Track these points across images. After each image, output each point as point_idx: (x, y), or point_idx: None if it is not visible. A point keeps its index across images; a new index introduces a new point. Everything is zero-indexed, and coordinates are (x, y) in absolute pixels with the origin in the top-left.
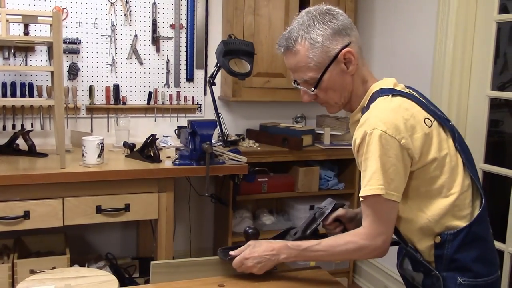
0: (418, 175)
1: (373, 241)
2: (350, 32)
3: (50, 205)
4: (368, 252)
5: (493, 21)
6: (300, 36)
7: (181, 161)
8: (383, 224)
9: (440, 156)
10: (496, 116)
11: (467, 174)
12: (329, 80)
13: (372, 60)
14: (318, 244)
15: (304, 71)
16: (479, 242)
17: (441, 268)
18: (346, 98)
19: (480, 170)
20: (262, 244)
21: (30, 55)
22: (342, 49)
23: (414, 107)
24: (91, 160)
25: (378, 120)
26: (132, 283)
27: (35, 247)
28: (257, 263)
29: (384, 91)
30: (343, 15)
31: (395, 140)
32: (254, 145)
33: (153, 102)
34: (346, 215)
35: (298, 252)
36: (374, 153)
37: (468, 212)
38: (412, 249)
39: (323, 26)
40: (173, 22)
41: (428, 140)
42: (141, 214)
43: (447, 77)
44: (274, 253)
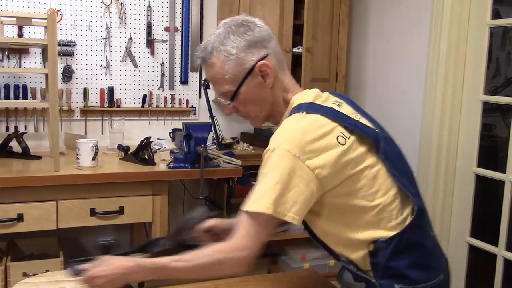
0: (337, 193)
1: (235, 253)
2: (267, 44)
3: (44, 207)
4: (230, 266)
5: (486, 26)
6: (215, 48)
7: (175, 164)
8: (254, 239)
9: (356, 171)
10: (488, 120)
11: (393, 183)
12: (247, 93)
13: (366, 64)
14: (177, 260)
15: (221, 84)
16: (414, 248)
17: (378, 276)
18: (266, 111)
19: (473, 174)
20: (113, 262)
21: (24, 57)
22: (257, 62)
23: (327, 124)
24: (85, 163)
25: (284, 138)
26: (127, 286)
27: (29, 250)
28: (106, 282)
29: (301, 107)
30: (261, 26)
31: (298, 160)
32: (249, 148)
33: (147, 104)
34: (219, 226)
35: (154, 270)
36: (272, 171)
37: (397, 222)
38: (345, 262)
39: (237, 38)
40: (168, 25)
41: (341, 158)
42: (135, 217)
43: (441, 81)
44: (125, 273)
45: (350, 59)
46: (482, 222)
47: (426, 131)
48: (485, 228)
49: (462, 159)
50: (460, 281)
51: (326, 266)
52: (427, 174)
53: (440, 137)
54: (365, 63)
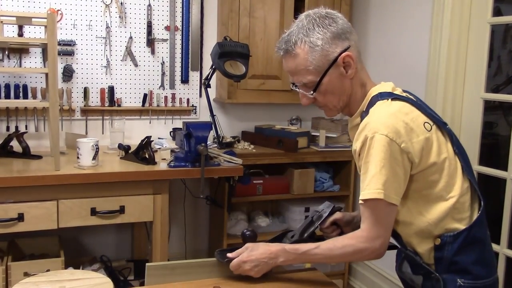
0: (418, 178)
1: (371, 243)
2: (349, 36)
3: (45, 207)
4: (365, 255)
5: (487, 23)
6: (299, 40)
7: (176, 163)
8: (381, 227)
9: (439, 160)
10: (490, 118)
11: (466, 177)
12: (328, 84)
13: (366, 62)
14: (316, 247)
15: (303, 74)
16: (478, 244)
17: (441, 270)
18: (344, 102)
19: (474, 172)
20: (259, 247)
21: (24, 56)
22: (341, 53)
23: (413, 111)
24: (86, 162)
25: (379, 124)
26: (127, 285)
27: (29, 249)
28: (254, 266)
29: (383, 95)
30: (343, 19)
31: (395, 144)
32: (249, 147)
33: (148, 104)
34: (344, 218)
35: (296, 255)
36: (375, 157)
37: (467, 215)
38: (412, 252)
39: (322, 30)
40: (168, 24)
41: (428, 144)
42: (136, 216)
43: (442, 79)
44: (272, 257)
45: None
46: None
47: None
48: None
49: None
50: None
51: (328, 266)
52: None
53: None
54: (365, 61)
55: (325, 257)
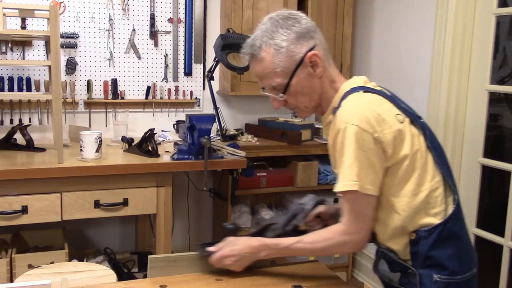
0: (391, 172)
1: (352, 237)
2: (314, 35)
3: (48, 199)
4: (347, 248)
5: (492, 15)
6: (264, 43)
7: (179, 156)
8: (361, 219)
9: (411, 153)
10: (495, 110)
11: (438, 171)
12: (297, 85)
13: (370, 55)
14: (298, 242)
15: (272, 78)
16: (454, 239)
17: (417, 265)
18: (316, 102)
19: (479, 164)
20: (240, 242)
21: (27, 49)
22: (307, 53)
23: (385, 103)
24: (89, 155)
25: (351, 115)
26: (131, 277)
27: (34, 242)
28: (235, 260)
29: (355, 89)
30: (306, 18)
31: (368, 134)
32: (253, 140)
33: (151, 96)
34: (328, 211)
35: (277, 250)
36: (348, 148)
37: (441, 209)
38: (386, 249)
39: (286, 31)
40: (171, 16)
41: (400, 135)
42: (140, 209)
43: (446, 71)
44: (253, 251)
45: (355, 49)
46: (488, 213)
47: (432, 122)
48: (491, 219)
49: (468, 149)
50: None
51: (331, 258)
52: None
53: (446, 128)
54: (369, 53)
55: (307, 250)
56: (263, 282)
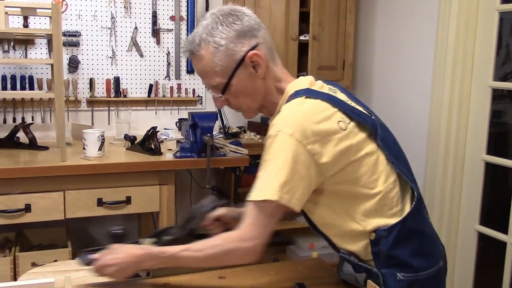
0: (337, 180)
1: (243, 244)
2: (257, 33)
3: (51, 198)
4: (237, 256)
5: (496, 11)
6: (203, 40)
7: (182, 154)
8: (260, 228)
9: (357, 158)
10: (498, 107)
11: (392, 170)
12: (238, 85)
13: (373, 51)
14: (184, 250)
15: (211, 76)
16: (416, 236)
17: (379, 265)
18: (259, 102)
19: (482, 160)
20: (123, 250)
21: (29, 47)
22: (248, 52)
23: (327, 109)
24: (92, 153)
25: (285, 123)
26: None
27: (37, 240)
28: (116, 270)
29: (299, 93)
30: (249, 15)
31: (301, 145)
32: (255, 137)
33: (153, 94)
34: (228, 214)
35: (163, 259)
36: (276, 156)
37: (398, 209)
38: (346, 254)
39: (226, 29)
40: (173, 14)
41: (342, 143)
42: (142, 207)
43: (449, 68)
44: (136, 261)
45: (358, 46)
46: (492, 209)
47: (435, 118)
48: (495, 215)
49: (471, 146)
50: (470, 269)
51: (334, 255)
52: (435, 162)
53: (449, 124)
54: (372, 50)
55: (194, 258)
56: (266, 280)
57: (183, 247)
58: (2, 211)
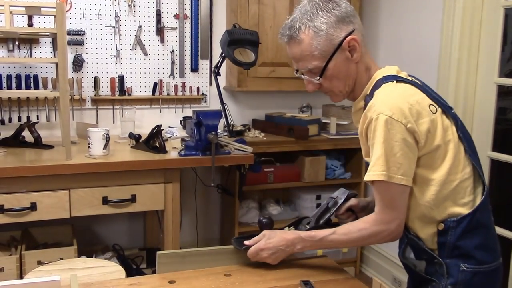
0: (423, 161)
1: (386, 226)
2: (353, 19)
3: (57, 196)
4: (382, 237)
5: (501, 7)
6: (303, 25)
7: (186, 152)
8: (394, 209)
9: (444, 143)
10: (504, 103)
11: (469, 161)
12: (334, 68)
13: (378, 47)
14: (332, 233)
15: (309, 60)
16: (482, 229)
17: (444, 255)
18: (350, 87)
19: (487, 158)
20: (276, 235)
21: (34, 47)
22: (346, 37)
23: (418, 93)
24: (97, 152)
25: (384, 105)
26: (139, 273)
27: (43, 238)
28: (271, 254)
29: (388, 78)
30: (346, 2)
31: (401, 124)
32: (260, 135)
33: (158, 93)
34: (359, 204)
35: (313, 242)
36: (379, 138)
37: (470, 199)
38: (415, 236)
39: (326, 14)
40: (177, 12)
41: (433, 126)
42: (148, 205)
43: (454, 64)
44: (289, 244)
45: None
46: (498, 207)
47: None
48: (501, 213)
49: (477, 143)
50: None
51: (339, 253)
52: None
53: None
54: (377, 47)
55: (342, 242)
56: (272, 277)
57: (330, 230)
58: (8, 209)
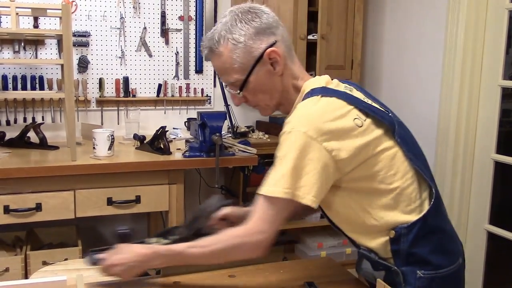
0: (354, 176)
1: (249, 238)
2: (275, 30)
3: (62, 197)
4: (244, 250)
5: (505, 9)
6: (222, 37)
7: (191, 153)
8: (270, 223)
9: (374, 153)
10: (508, 106)
11: (410, 166)
12: (256, 82)
13: (381, 51)
14: (192, 246)
15: (229, 73)
16: (436, 233)
17: (399, 263)
18: (276, 100)
19: (491, 160)
20: (130, 250)
21: (40, 48)
22: (266, 49)
23: (343, 107)
24: (102, 153)
25: (300, 121)
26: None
27: (48, 239)
28: (123, 270)
29: (315, 91)
30: (268, 13)
31: (316, 142)
32: (264, 137)
33: (162, 94)
34: (233, 213)
35: (171, 257)
36: (289, 153)
37: (416, 205)
38: (365, 250)
39: (245, 26)
40: (182, 14)
41: (358, 140)
42: (152, 206)
43: (458, 66)
44: (144, 260)
45: (366, 45)
46: (501, 209)
47: (444, 118)
48: (504, 215)
49: (481, 145)
50: (479, 269)
51: (343, 254)
52: (445, 161)
53: (458, 124)
54: (381, 49)
55: (202, 255)
56: (275, 279)
57: (189, 244)
58: (13, 210)
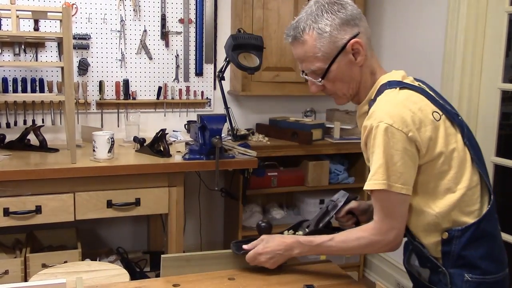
0: (426, 170)
1: (384, 236)
2: (359, 22)
3: (62, 199)
4: (379, 247)
5: (505, 12)
6: (308, 26)
7: (191, 156)
8: (393, 218)
9: (447, 151)
10: (507, 109)
11: (476, 170)
12: (337, 71)
13: (381, 52)
14: (330, 240)
15: (312, 61)
16: (488, 239)
17: (448, 264)
18: (354, 90)
19: (491, 163)
20: (275, 239)
21: (40, 51)
22: (350, 40)
23: (422, 100)
24: (102, 155)
25: (384, 113)
26: (143, 276)
27: (47, 241)
28: (269, 258)
29: (392, 83)
30: (352, 5)
31: (402, 133)
32: (264, 140)
33: (162, 97)
34: (359, 207)
35: (310, 247)
36: (379, 147)
37: (476, 208)
38: (419, 244)
39: (331, 16)
40: (182, 17)
41: (436, 133)
42: (152, 209)
43: (458, 69)
44: (287, 249)
45: None
46: (501, 212)
47: None
48: (504, 218)
49: (481, 148)
50: None
51: (343, 257)
52: None
53: None
54: (380, 52)
55: (339, 249)
56: (275, 281)
57: (328, 237)
58: (13, 212)
